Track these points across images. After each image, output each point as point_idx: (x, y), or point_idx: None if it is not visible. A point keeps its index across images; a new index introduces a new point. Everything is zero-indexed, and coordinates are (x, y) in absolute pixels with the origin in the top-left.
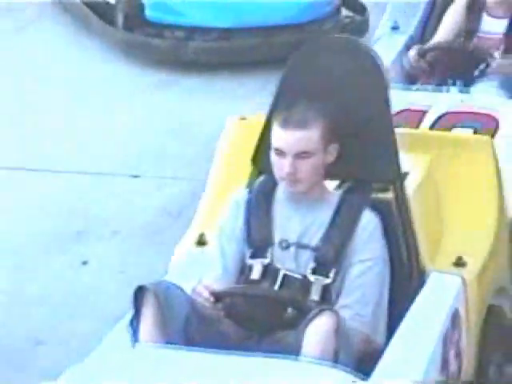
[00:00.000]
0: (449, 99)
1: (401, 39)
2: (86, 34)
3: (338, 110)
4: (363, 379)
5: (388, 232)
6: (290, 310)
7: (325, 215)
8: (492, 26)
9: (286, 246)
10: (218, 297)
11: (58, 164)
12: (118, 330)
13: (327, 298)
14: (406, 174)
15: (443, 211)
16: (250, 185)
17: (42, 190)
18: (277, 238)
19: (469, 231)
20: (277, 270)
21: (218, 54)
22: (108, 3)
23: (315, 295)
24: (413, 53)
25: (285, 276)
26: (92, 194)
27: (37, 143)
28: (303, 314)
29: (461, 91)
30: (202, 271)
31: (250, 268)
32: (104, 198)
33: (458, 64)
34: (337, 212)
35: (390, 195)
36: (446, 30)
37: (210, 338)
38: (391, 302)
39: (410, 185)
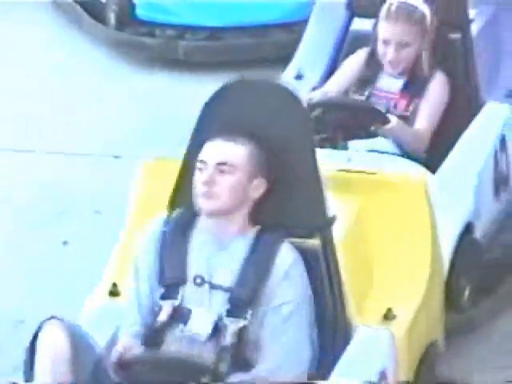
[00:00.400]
0: (335, 158)
1: (304, 89)
2: (77, 29)
3: (265, 148)
4: None
5: (313, 282)
6: (205, 377)
7: (241, 252)
8: (388, 84)
9: (200, 283)
10: (127, 363)
11: (41, 144)
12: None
13: (243, 340)
14: (334, 218)
15: (373, 259)
16: (168, 217)
17: (25, 170)
18: (191, 274)
19: (399, 282)
20: (188, 312)
21: (209, 52)
22: (99, 1)
23: (230, 338)
24: None
25: (197, 318)
26: (74, 174)
27: (21, 124)
28: (219, 380)
29: (353, 148)
30: (118, 319)
31: (160, 309)
32: (85, 179)
33: (348, 121)
34: (253, 248)
35: (316, 242)
36: (338, 80)
37: None
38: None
39: (338, 231)
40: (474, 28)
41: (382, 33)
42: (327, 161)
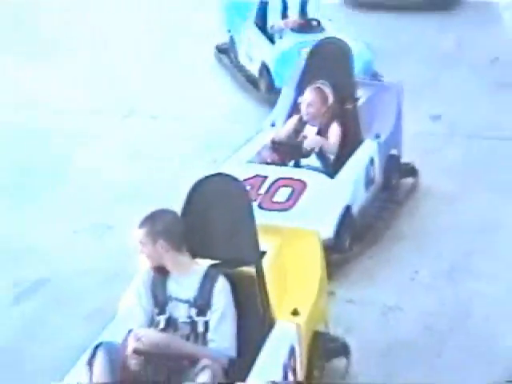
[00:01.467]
0: (281, 170)
1: (273, 132)
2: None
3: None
4: None
5: (250, 295)
6: (185, 362)
7: (196, 280)
8: (310, 131)
9: (173, 299)
10: (138, 352)
11: None
12: (79, 367)
13: (207, 328)
14: (264, 253)
15: (286, 279)
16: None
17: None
18: (172, 298)
19: (301, 292)
20: (175, 320)
21: None
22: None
23: (200, 328)
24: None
25: (180, 322)
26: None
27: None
28: (194, 365)
29: (295, 166)
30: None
31: (159, 322)
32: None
33: (291, 152)
34: (205, 277)
35: (252, 270)
36: (284, 130)
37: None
38: (251, 341)
39: (265, 261)
40: (361, 101)
41: (303, 97)
42: (277, 172)
